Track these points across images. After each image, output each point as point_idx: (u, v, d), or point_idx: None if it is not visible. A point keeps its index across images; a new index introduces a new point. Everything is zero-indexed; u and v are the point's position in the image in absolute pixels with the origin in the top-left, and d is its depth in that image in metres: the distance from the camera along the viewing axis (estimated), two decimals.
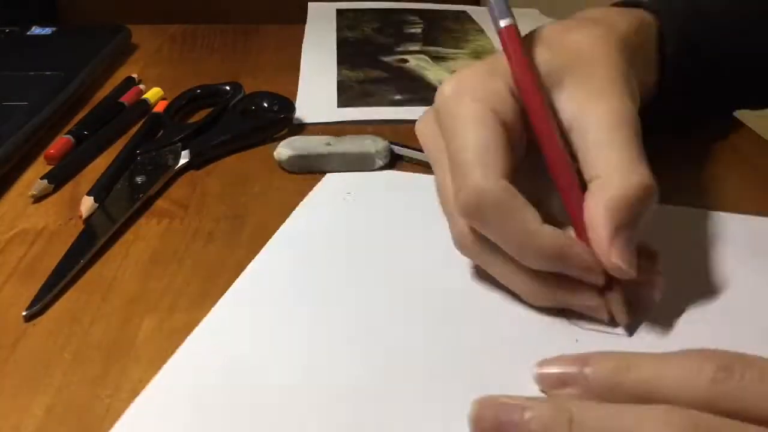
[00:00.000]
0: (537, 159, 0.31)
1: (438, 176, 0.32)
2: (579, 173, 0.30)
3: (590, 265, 0.28)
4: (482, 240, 0.30)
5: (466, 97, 0.30)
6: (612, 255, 0.28)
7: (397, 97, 0.54)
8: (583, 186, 0.30)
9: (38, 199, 0.40)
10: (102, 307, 0.32)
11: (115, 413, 0.26)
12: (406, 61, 0.62)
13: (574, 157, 0.30)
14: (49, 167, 0.43)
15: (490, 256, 0.30)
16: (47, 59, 0.56)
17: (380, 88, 0.55)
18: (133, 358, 0.28)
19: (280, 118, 0.48)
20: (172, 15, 0.79)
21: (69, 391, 0.27)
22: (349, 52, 0.64)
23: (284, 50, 0.64)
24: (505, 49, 0.31)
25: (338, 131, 0.46)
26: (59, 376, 0.28)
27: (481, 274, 0.32)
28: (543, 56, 0.32)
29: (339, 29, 0.70)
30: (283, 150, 0.43)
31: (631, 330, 0.30)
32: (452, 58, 0.63)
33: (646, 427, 0.22)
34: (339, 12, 0.76)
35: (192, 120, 0.50)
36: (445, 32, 0.70)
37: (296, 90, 0.55)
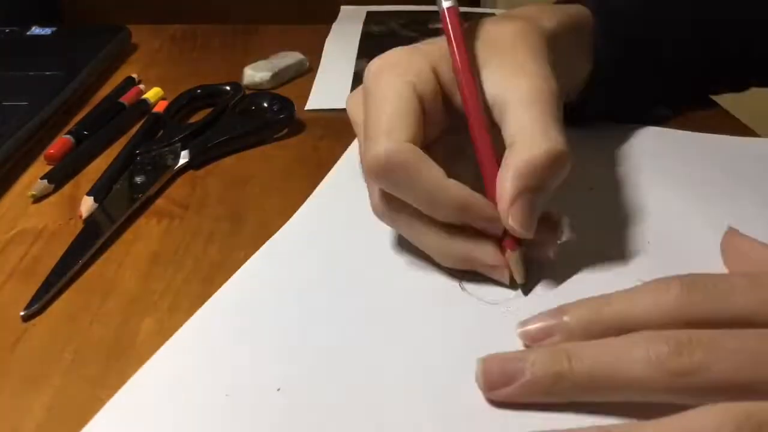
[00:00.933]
0: (466, 143, 0.32)
1: (360, 147, 0.34)
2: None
3: (492, 215, 0.30)
4: (393, 203, 0.32)
5: (387, 73, 0.32)
6: (510, 216, 0.30)
7: None
8: None
9: (38, 199, 0.40)
10: (102, 307, 0.32)
11: None
12: None
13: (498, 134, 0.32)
14: (49, 167, 0.42)
15: (402, 218, 0.32)
16: (47, 59, 0.56)
17: None
18: (133, 358, 0.28)
19: (280, 118, 0.48)
20: (172, 15, 0.79)
21: (69, 391, 0.27)
22: (370, 45, 0.64)
23: (284, 50, 0.64)
24: (445, 28, 0.33)
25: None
26: (59, 376, 0.28)
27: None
28: (480, 40, 0.35)
29: (365, 25, 0.70)
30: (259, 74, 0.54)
31: (526, 290, 0.32)
32: None
33: (634, 351, 0.24)
34: (369, 14, 0.76)
35: (192, 120, 0.50)
36: None
37: (296, 90, 0.55)
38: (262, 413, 0.26)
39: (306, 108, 0.51)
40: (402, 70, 0.32)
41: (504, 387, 0.26)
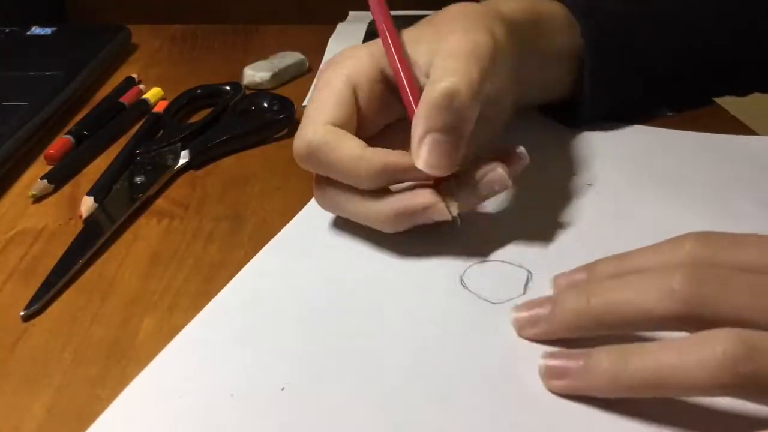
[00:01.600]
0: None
1: None
2: None
3: (411, 165, 0.31)
4: (323, 184, 0.34)
5: (330, 68, 0.35)
6: (419, 159, 0.31)
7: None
8: None
9: (38, 199, 0.40)
10: (102, 307, 0.32)
11: None
12: None
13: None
14: (49, 167, 0.43)
15: (336, 196, 0.34)
16: (47, 59, 0.56)
17: None
18: (133, 358, 0.29)
19: (280, 118, 0.48)
20: (172, 15, 0.79)
21: (69, 391, 0.27)
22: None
23: (284, 50, 0.64)
24: (375, 17, 0.36)
25: None
26: (59, 376, 0.28)
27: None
28: (416, 26, 0.37)
29: (370, 24, 0.70)
30: (259, 74, 0.54)
31: (458, 223, 0.33)
32: None
33: (651, 284, 0.25)
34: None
35: (192, 120, 0.50)
36: None
37: (296, 90, 0.55)
38: (266, 413, 0.26)
39: (303, 105, 0.51)
40: (341, 64, 0.35)
41: (531, 328, 0.28)
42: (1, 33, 0.62)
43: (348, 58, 0.35)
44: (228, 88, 0.52)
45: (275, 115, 0.48)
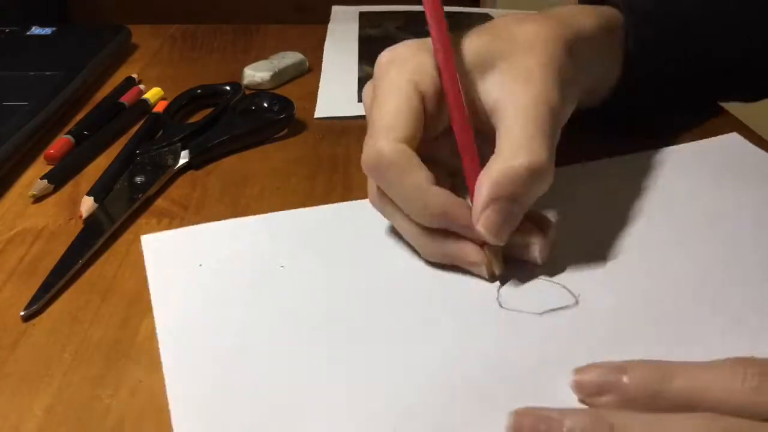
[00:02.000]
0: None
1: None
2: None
3: (469, 222, 0.31)
4: (385, 197, 0.33)
5: (393, 68, 0.33)
6: (481, 221, 0.30)
7: None
8: None
9: (38, 199, 0.40)
10: (102, 307, 0.32)
11: (115, 413, 0.26)
12: None
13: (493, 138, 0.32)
14: (49, 167, 0.42)
15: (391, 211, 0.33)
16: (47, 59, 0.56)
17: None
18: (133, 358, 0.29)
19: (280, 118, 0.48)
20: (172, 15, 0.79)
21: (69, 391, 0.27)
22: (370, 49, 0.64)
23: (284, 50, 0.64)
24: (429, 21, 0.34)
25: (359, 126, 0.47)
26: (59, 376, 0.28)
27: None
28: (482, 39, 0.34)
29: (361, 28, 0.70)
30: (259, 74, 0.54)
31: (503, 281, 0.32)
32: None
33: None
34: (362, 14, 0.76)
35: (192, 120, 0.50)
36: (468, 31, 0.70)
37: (296, 90, 0.55)
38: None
39: (315, 116, 0.50)
40: (407, 66, 0.33)
41: None
42: (1, 33, 0.62)
43: (411, 59, 0.34)
44: (228, 88, 0.52)
45: (275, 115, 0.48)
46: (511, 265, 0.33)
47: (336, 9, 0.76)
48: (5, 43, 0.61)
